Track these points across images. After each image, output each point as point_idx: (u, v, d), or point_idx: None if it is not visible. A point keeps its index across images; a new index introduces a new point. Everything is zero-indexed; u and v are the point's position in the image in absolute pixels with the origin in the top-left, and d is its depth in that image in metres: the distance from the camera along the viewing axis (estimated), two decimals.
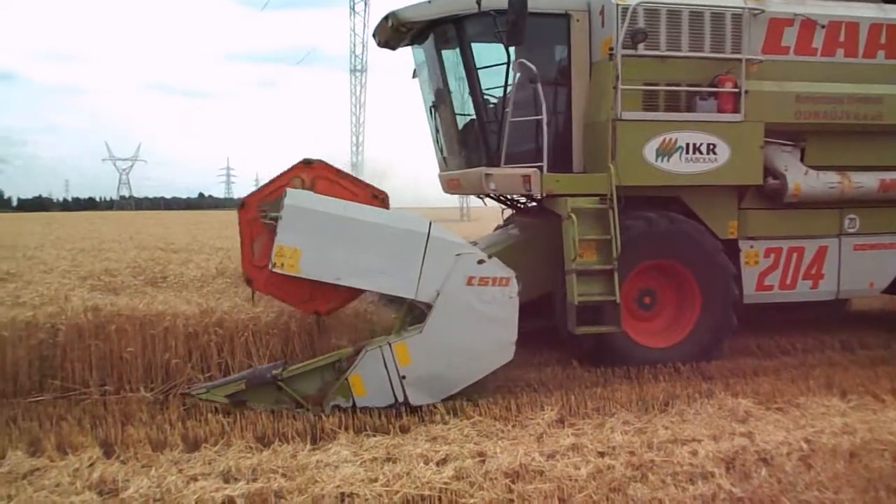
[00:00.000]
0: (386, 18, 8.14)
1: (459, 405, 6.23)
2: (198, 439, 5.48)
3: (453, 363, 6.32)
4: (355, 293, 6.81)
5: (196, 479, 4.72)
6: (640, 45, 7.66)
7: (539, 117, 7.63)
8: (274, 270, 6.20)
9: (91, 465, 4.96)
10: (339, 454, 5.13)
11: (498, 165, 7.84)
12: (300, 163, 6.60)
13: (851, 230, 8.72)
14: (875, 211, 8.75)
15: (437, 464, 4.94)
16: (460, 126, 8.51)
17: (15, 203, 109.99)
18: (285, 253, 6.19)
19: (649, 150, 7.71)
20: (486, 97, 8.01)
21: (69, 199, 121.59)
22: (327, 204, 6.35)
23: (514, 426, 5.80)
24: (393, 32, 8.30)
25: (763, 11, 8.09)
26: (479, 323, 6.31)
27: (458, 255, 6.30)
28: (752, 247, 8.42)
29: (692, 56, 7.91)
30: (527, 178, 7.72)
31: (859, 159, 8.57)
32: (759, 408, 6.18)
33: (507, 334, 6.40)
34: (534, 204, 9.06)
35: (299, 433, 5.60)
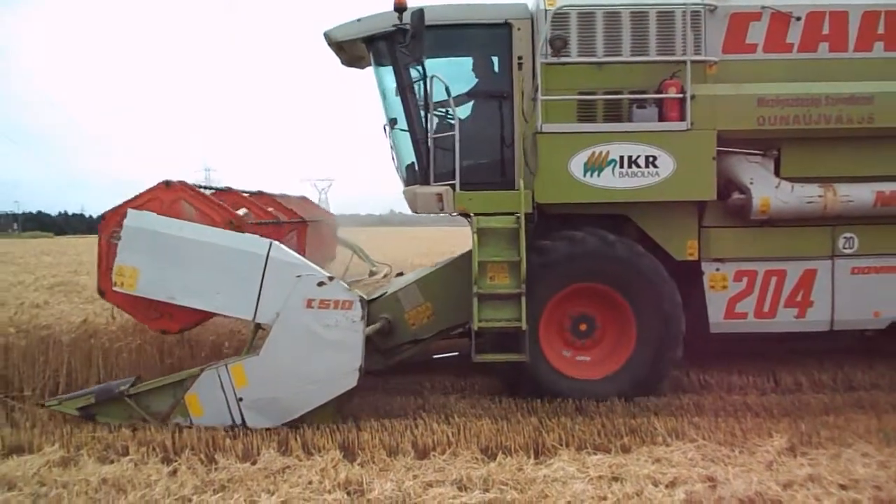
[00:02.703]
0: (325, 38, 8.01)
1: (681, 426, 6.11)
2: (427, 447, 5.76)
3: (292, 388, 6.14)
4: (207, 314, 6.67)
5: (431, 486, 4.98)
6: (574, 51, 7.23)
7: (451, 133, 7.30)
8: (114, 290, 6.34)
9: (335, 465, 5.36)
10: (564, 470, 5.20)
11: (428, 183, 7.57)
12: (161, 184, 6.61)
13: (848, 251, 7.50)
14: (879, 228, 7.48)
15: (667, 486, 4.89)
16: (399, 143, 8.21)
17: None
18: (125, 272, 6.30)
19: (576, 165, 7.06)
20: (421, 114, 7.68)
21: None
22: (167, 225, 6.32)
23: (740, 452, 5.58)
24: (338, 51, 8.12)
25: (716, 8, 7.28)
26: (320, 347, 6.07)
27: (297, 276, 6.11)
28: (718, 269, 7.46)
29: (629, 61, 7.30)
30: (439, 197, 7.39)
31: (850, 169, 7.41)
32: None
33: (350, 360, 6.11)
34: None
35: (522, 447, 5.73)
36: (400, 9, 7.15)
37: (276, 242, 6.30)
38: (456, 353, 8.43)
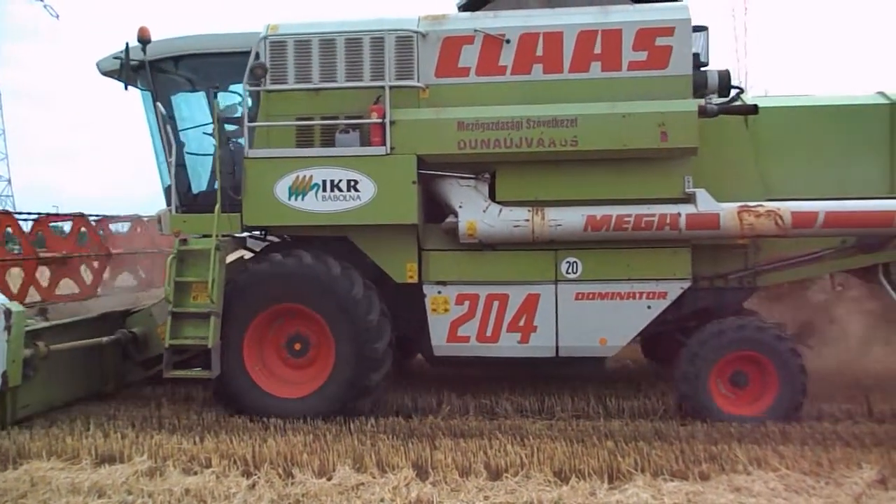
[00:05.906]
0: None
1: (764, 455, 5.90)
2: (499, 469, 5.73)
3: None
4: None
5: None
6: (292, 78, 7.33)
7: (170, 159, 7.74)
8: None
9: (407, 484, 5.42)
10: (638, 496, 5.11)
11: (171, 205, 7.89)
12: None
13: (571, 276, 7.28)
14: (602, 253, 7.26)
15: None
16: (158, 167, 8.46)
17: None
18: None
19: (281, 189, 7.20)
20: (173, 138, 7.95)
21: None
22: None
23: (826, 483, 5.36)
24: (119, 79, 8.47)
25: (428, 33, 7.21)
26: None
27: None
28: (440, 292, 7.40)
29: (333, 87, 7.35)
30: (160, 219, 7.96)
31: (560, 193, 7.19)
32: None
33: None
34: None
35: (595, 471, 5.63)
36: (142, 41, 7.51)
37: None
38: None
